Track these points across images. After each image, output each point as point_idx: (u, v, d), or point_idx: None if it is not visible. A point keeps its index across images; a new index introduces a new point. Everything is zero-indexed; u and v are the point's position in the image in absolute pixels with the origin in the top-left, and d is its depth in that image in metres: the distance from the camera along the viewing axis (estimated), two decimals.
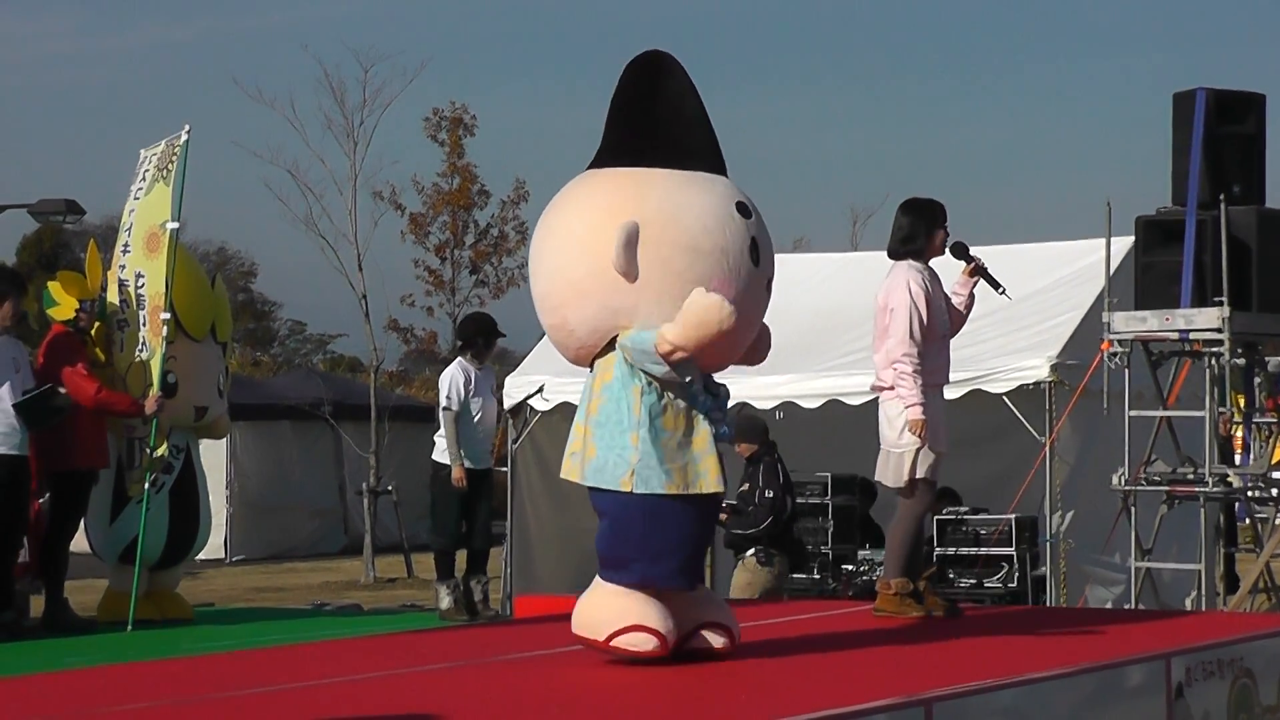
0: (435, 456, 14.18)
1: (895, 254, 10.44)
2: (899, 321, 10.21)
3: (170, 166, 11.65)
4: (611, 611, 8.51)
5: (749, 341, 8.78)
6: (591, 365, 8.67)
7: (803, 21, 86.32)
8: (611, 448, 8.48)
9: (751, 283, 8.56)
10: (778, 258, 8.93)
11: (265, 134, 72.94)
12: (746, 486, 14.54)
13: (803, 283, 18.85)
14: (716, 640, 8.71)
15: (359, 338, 32.87)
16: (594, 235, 8.44)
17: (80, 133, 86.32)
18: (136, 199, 11.85)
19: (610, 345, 8.54)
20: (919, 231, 10.36)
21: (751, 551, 14.52)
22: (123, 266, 11.76)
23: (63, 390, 11.06)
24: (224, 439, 16.49)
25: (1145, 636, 9.90)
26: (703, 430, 8.53)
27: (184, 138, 11.64)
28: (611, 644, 8.49)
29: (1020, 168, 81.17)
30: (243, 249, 63.00)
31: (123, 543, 11.77)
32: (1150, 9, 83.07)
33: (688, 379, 8.48)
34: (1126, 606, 15.24)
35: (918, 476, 10.30)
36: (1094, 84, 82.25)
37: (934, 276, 10.41)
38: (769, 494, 14.52)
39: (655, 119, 8.68)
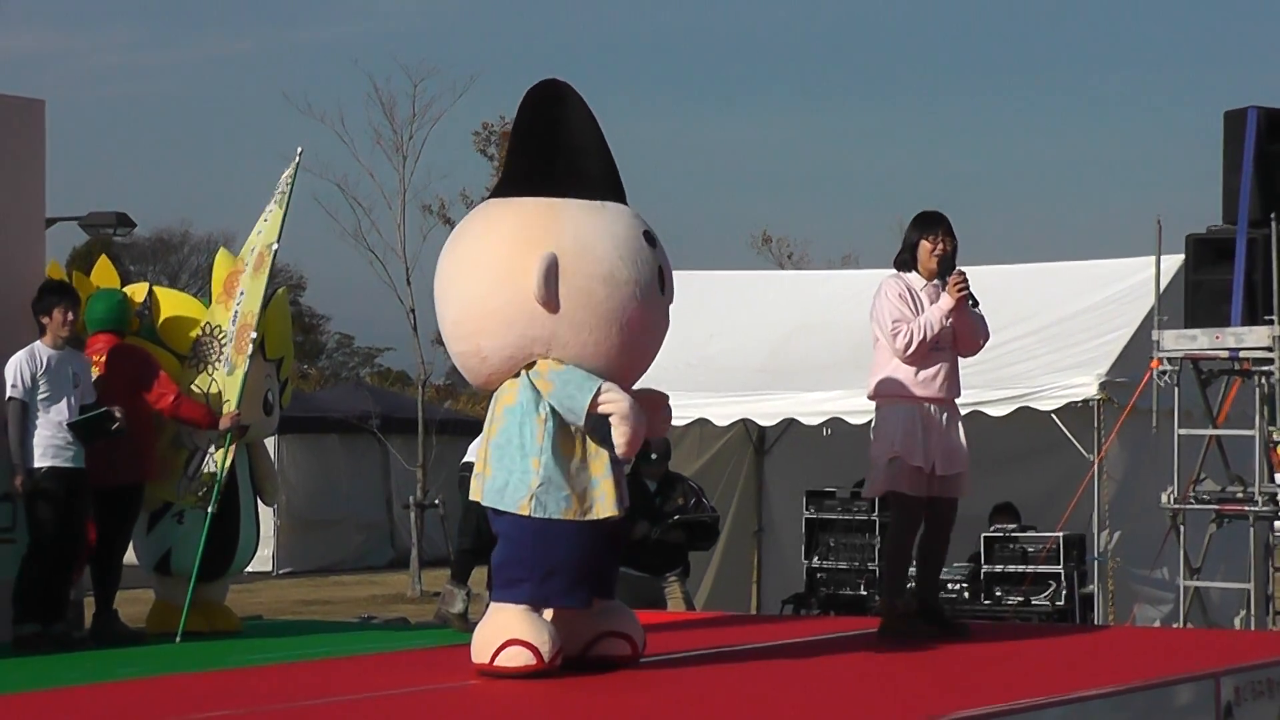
0: (469, 458, 14.07)
1: (895, 266, 10.37)
2: (882, 322, 10.07)
3: (285, 190, 11.77)
4: (494, 630, 8.69)
5: (650, 362, 8.98)
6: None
7: (852, 36, 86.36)
8: (512, 471, 8.65)
9: (660, 310, 8.83)
10: (825, 274, 9.02)
11: (315, 148, 72.78)
12: (693, 501, 13.34)
13: (850, 299, 18.80)
14: (619, 648, 8.92)
15: (407, 351, 32.98)
16: (511, 265, 8.62)
17: (131, 146, 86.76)
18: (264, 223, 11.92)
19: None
20: (906, 243, 10.30)
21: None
22: (241, 292, 11.82)
23: (119, 414, 11.08)
24: (273, 452, 16.43)
25: (1194, 655, 9.87)
26: (601, 454, 8.68)
27: (296, 159, 11.75)
28: (495, 663, 8.63)
29: (1070, 184, 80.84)
30: (291, 262, 63.06)
31: (157, 554, 11.84)
32: (1202, 26, 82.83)
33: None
34: (1175, 625, 15.19)
35: (890, 489, 10.18)
36: (1146, 101, 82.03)
37: (934, 289, 10.19)
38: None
39: (559, 149, 8.86)
